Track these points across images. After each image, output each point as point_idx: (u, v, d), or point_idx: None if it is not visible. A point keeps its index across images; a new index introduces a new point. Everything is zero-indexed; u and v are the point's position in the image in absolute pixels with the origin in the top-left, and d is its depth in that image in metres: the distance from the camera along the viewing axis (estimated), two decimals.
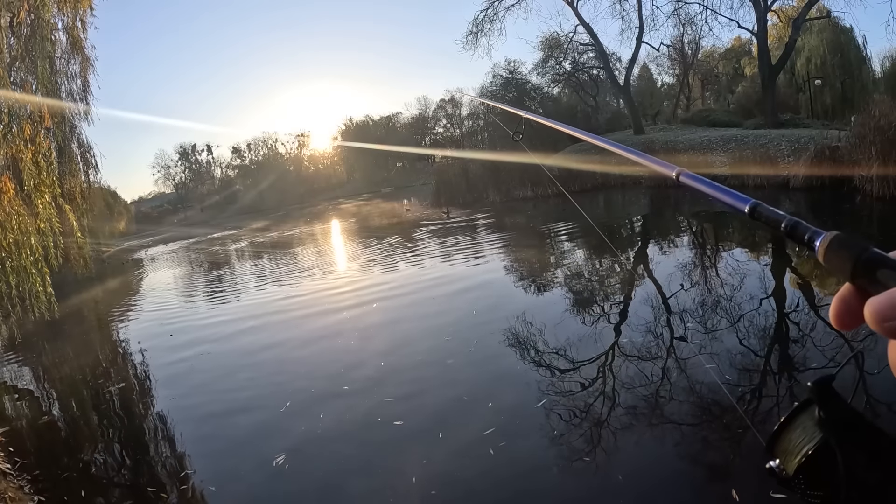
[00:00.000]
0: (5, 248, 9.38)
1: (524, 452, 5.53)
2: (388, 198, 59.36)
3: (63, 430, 8.81)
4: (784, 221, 0.66)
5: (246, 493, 5.66)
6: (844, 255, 0.55)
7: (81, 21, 12.16)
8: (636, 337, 8.11)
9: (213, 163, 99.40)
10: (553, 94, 60.01)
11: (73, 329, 15.85)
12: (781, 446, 0.65)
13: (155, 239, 54.79)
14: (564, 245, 17.51)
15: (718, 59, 55.28)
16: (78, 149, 14.06)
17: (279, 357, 10.03)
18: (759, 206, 0.72)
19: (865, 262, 0.53)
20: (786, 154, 22.80)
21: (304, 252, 28.11)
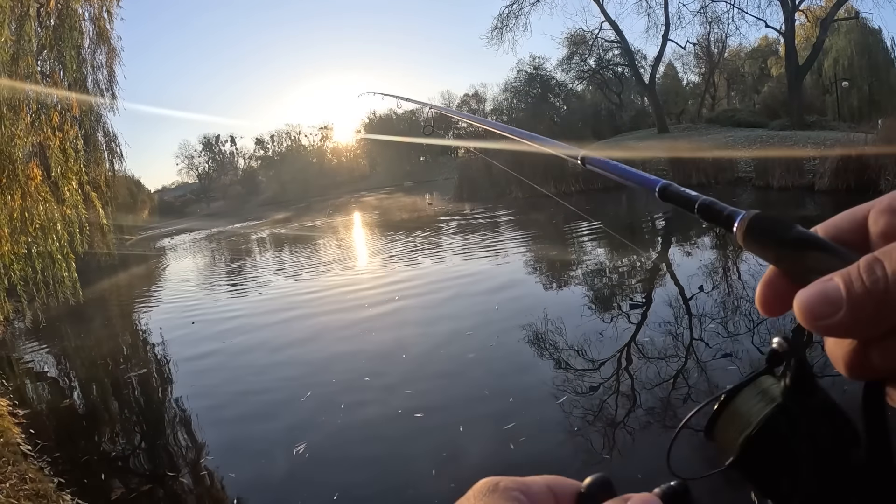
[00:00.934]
0: (32, 234, 9.50)
1: (544, 448, 5.53)
2: (411, 192, 59.42)
3: (83, 414, 8.92)
4: (697, 202, 0.60)
5: (266, 480, 5.72)
6: (766, 237, 0.50)
7: (108, 12, 12.28)
8: (656, 337, 8.07)
9: (236, 153, 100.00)
10: (577, 91, 59.86)
11: (96, 315, 16.01)
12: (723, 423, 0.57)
13: (177, 228, 55.15)
14: (585, 243, 17.45)
15: (745, 58, 54.75)
16: (103, 137, 14.21)
17: (300, 347, 10.07)
18: (670, 187, 0.66)
19: (790, 243, 0.49)
20: (811, 156, 22.58)
21: (325, 245, 28.17)
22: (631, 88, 54.54)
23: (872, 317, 0.41)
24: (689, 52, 50.93)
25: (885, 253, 0.41)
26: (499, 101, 78.61)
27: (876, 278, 0.40)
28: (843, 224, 0.51)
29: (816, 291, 0.43)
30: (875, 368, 0.43)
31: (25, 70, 9.13)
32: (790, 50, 34.24)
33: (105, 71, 12.84)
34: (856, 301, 0.40)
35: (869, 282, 0.40)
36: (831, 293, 0.42)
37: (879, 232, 0.48)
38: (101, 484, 6.05)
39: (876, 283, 0.40)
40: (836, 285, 0.42)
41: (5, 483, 5.52)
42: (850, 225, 0.50)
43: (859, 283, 0.41)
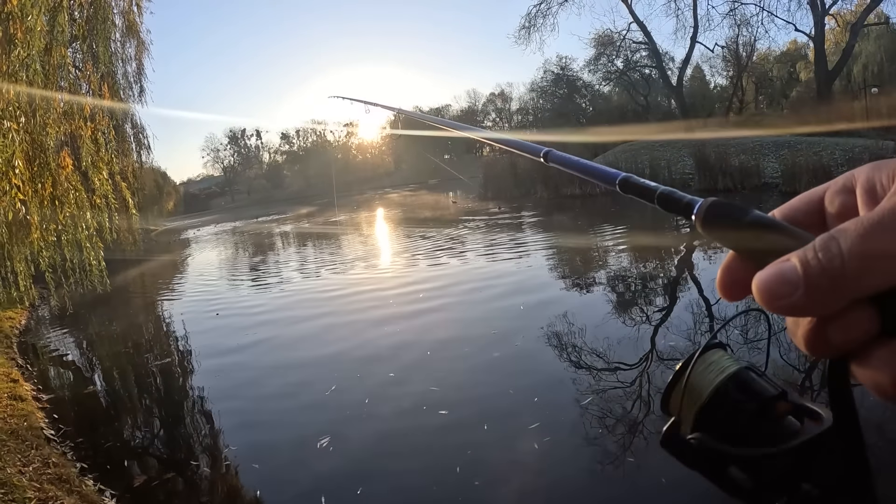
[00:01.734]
0: (62, 222, 9.61)
1: (568, 449, 5.51)
2: (435, 189, 59.44)
3: (106, 401, 9.03)
4: (657, 191, 0.60)
5: (289, 472, 5.74)
6: (723, 222, 0.51)
7: (137, 5, 12.42)
8: (680, 342, 8.02)
9: (261, 148, 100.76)
10: (604, 92, 59.65)
11: (120, 303, 16.20)
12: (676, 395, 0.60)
13: (202, 220, 55.67)
14: (609, 245, 17.37)
15: (773, 62, 54.23)
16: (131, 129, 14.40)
17: (324, 341, 10.11)
18: (630, 178, 0.67)
19: (747, 226, 0.49)
20: (839, 163, 22.34)
21: (350, 240, 28.27)
22: (658, 90, 54.24)
23: (829, 295, 0.41)
24: (717, 55, 50.55)
25: (840, 231, 0.42)
26: (525, 100, 78.62)
27: (831, 256, 0.41)
28: (800, 206, 0.52)
29: (774, 272, 0.43)
30: (834, 345, 0.43)
31: (59, 60, 9.23)
32: (819, 54, 33.91)
33: (134, 63, 13.02)
34: (812, 280, 0.41)
35: (825, 259, 0.41)
36: (788, 273, 0.42)
37: (835, 212, 0.49)
38: (123, 471, 6.11)
39: (831, 260, 0.41)
40: (793, 265, 0.42)
41: (28, 467, 5.60)
42: (806, 207, 0.51)
43: (815, 262, 0.41)
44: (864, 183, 0.48)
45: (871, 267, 0.40)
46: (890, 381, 0.41)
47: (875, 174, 0.47)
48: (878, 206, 0.43)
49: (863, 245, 0.40)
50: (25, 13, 8.05)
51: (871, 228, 0.41)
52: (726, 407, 0.56)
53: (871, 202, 0.46)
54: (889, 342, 0.42)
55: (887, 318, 0.41)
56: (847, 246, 0.41)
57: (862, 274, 0.40)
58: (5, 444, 6.08)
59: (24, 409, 7.41)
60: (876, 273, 0.40)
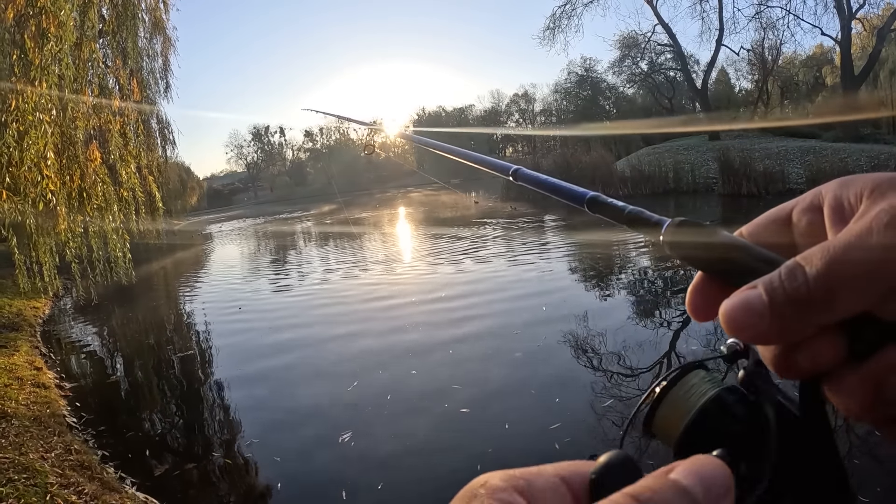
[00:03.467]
0: (89, 213, 9.75)
1: (587, 451, 5.49)
2: (457, 189, 59.41)
3: (128, 391, 9.12)
4: (626, 211, 0.61)
5: (310, 467, 5.80)
6: (691, 242, 0.51)
7: (164, 2, 12.57)
8: (698, 348, 8.01)
9: (285, 145, 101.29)
10: (628, 95, 59.39)
11: (144, 295, 16.35)
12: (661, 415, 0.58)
13: (225, 215, 56.02)
14: (630, 248, 17.32)
15: (799, 66, 53.67)
16: (157, 124, 14.57)
17: (346, 337, 10.13)
18: (598, 198, 0.68)
19: (714, 248, 0.49)
20: (864, 169, 22.10)
21: (371, 239, 28.30)
22: (682, 93, 53.98)
23: (796, 323, 0.41)
24: (742, 58, 50.19)
25: (806, 258, 0.41)
26: (548, 101, 78.47)
27: (797, 284, 0.40)
28: (767, 224, 0.52)
29: (739, 301, 0.42)
30: (803, 370, 0.43)
31: (88, 55, 9.37)
32: (846, 59, 33.52)
33: (160, 60, 13.20)
34: (778, 309, 0.40)
35: (790, 288, 0.40)
36: (754, 302, 0.41)
37: (802, 231, 0.49)
38: (144, 460, 6.18)
39: (797, 289, 0.40)
40: (759, 294, 0.41)
41: (51, 453, 5.70)
42: (774, 226, 0.51)
43: (781, 290, 0.40)
44: (832, 201, 0.46)
45: (836, 295, 0.40)
46: (858, 406, 0.42)
47: (842, 192, 0.46)
48: (844, 230, 0.42)
49: (828, 273, 0.39)
50: (58, 7, 8.19)
51: (836, 255, 0.40)
52: (707, 432, 0.54)
53: (838, 222, 0.45)
54: (857, 367, 0.41)
55: (855, 344, 0.41)
56: (813, 273, 0.40)
57: (828, 302, 0.40)
58: (28, 431, 6.20)
59: (47, 397, 7.54)
60: (842, 301, 0.40)
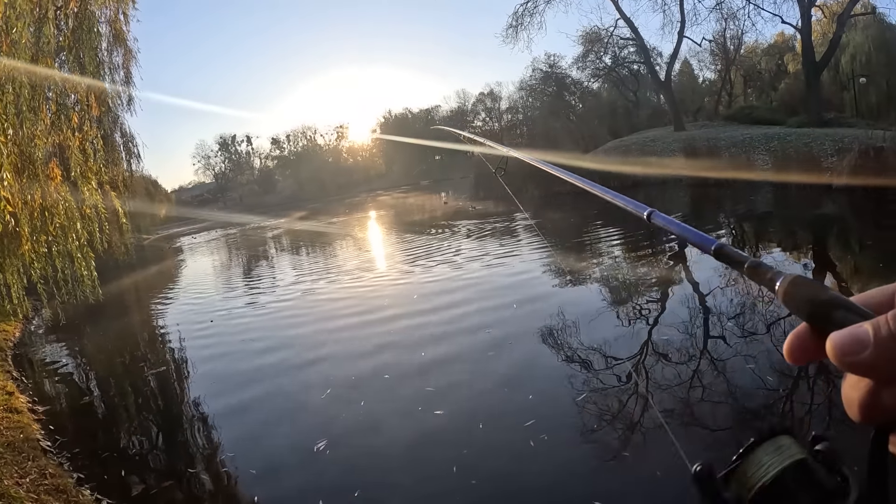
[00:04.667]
0: (52, 233, 9.59)
1: (563, 445, 5.56)
2: (427, 190, 59.53)
3: (102, 411, 9.02)
4: (746, 262, 0.68)
5: (286, 477, 5.76)
6: (802, 296, 0.56)
7: (124, 14, 12.36)
8: (672, 336, 8.07)
9: (252, 153, 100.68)
10: (593, 89, 59.70)
11: (114, 313, 16.15)
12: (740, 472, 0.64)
13: (194, 227, 55.56)
14: (602, 242, 17.43)
15: (761, 55, 54.27)
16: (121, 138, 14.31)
17: (319, 346, 10.13)
18: (724, 248, 0.74)
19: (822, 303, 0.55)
20: (829, 154, 22.44)
21: (341, 244, 28.30)
22: (647, 86, 54.30)
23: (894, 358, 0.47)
24: (704, 49, 50.58)
25: None
26: (514, 99, 78.70)
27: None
28: (875, 295, 0.57)
29: (848, 332, 0.49)
30: (886, 409, 0.48)
31: (45, 72, 9.22)
32: (807, 46, 33.97)
33: (122, 72, 12.94)
34: (881, 343, 0.47)
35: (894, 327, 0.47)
36: (860, 335, 0.48)
37: None
38: (121, 480, 6.11)
39: None
40: (866, 329, 0.48)
41: (26, 478, 5.61)
42: (881, 297, 0.56)
43: (886, 329, 0.47)
44: None
45: None
46: None
47: None
48: None
49: None
50: (10, 26, 8.05)
51: None
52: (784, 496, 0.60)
53: None
54: None
55: None
56: None
57: None
58: (2, 457, 6.09)
59: (20, 421, 7.42)
60: None
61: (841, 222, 15.85)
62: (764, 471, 0.61)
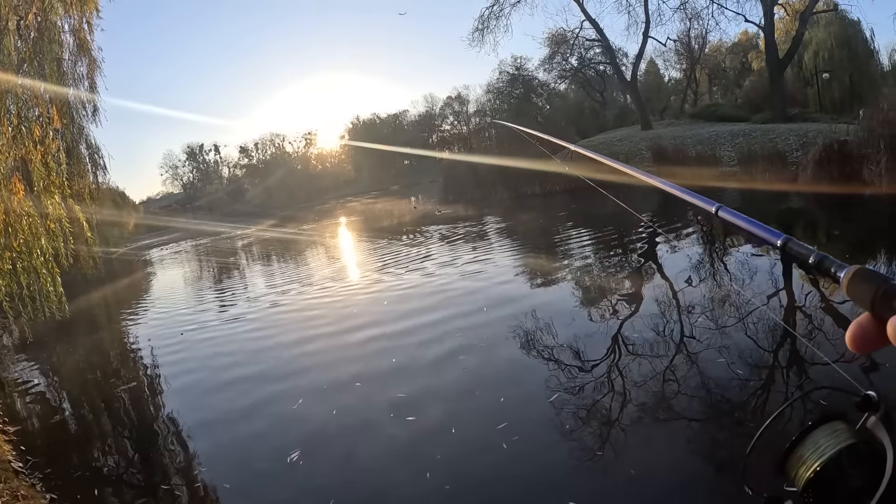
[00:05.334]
0: (16, 249, 9.43)
1: (537, 447, 5.55)
2: (397, 195, 59.46)
3: (74, 430, 8.85)
4: (812, 256, 0.70)
5: (261, 490, 5.69)
6: (866, 287, 0.58)
7: (88, 23, 12.20)
8: (645, 333, 8.11)
9: (220, 162, 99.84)
10: (560, 91, 59.98)
11: (84, 329, 15.90)
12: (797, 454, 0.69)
13: (163, 239, 55.04)
14: (572, 242, 17.49)
15: (725, 53, 55.03)
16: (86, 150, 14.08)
17: (290, 355, 10.04)
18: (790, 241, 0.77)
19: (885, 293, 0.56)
20: (794, 148, 22.76)
21: (311, 251, 28.22)
22: (613, 86, 54.76)
23: None
24: (670, 49, 51.16)
25: None
26: (482, 102, 78.80)
27: None
28: None
29: None
30: None
31: (6, 85, 9.07)
32: (770, 44, 34.47)
33: (86, 82, 12.75)
34: None
35: None
36: None
37: None
38: (95, 499, 6.00)
39: None
40: None
41: None
42: None
43: None
44: None
45: None
46: None
47: None
48: None
49: None
50: None
51: None
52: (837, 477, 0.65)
53: None
54: None
55: None
56: None
57: None
58: None
59: None
60: None
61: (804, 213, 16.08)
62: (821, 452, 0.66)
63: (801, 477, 0.66)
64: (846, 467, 0.63)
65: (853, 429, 0.66)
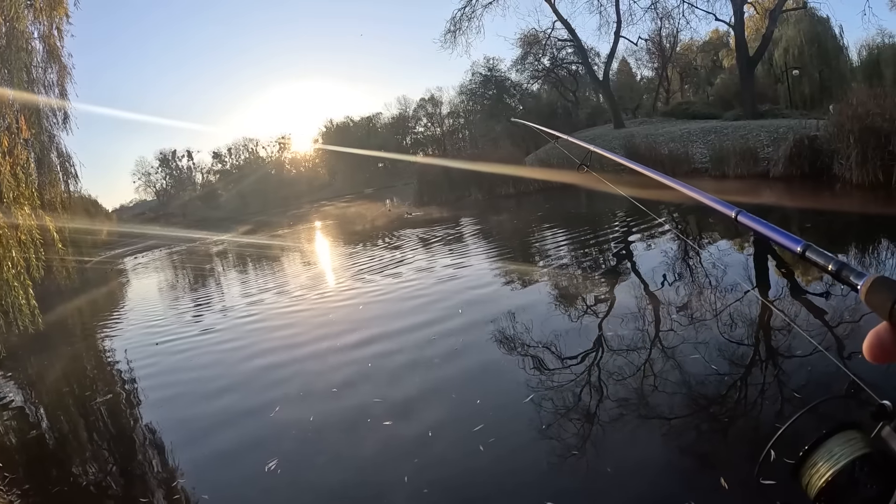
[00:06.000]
0: None
1: (514, 448, 5.56)
2: (371, 198, 59.36)
3: (52, 444, 8.73)
4: (831, 263, 0.71)
5: (240, 500, 5.66)
6: (885, 296, 0.57)
7: (58, 29, 12.06)
8: (622, 330, 8.16)
9: (193, 168, 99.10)
10: (533, 91, 60.25)
11: (59, 341, 15.68)
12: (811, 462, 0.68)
13: (137, 247, 54.44)
14: (547, 241, 17.56)
15: (696, 51, 55.66)
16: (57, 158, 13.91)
17: (265, 363, 9.96)
18: (809, 248, 0.77)
19: None
20: (765, 144, 23.02)
21: (285, 257, 28.08)
22: (586, 86, 55.06)
23: None
24: (641, 48, 51.70)
25: None
26: (455, 103, 79.05)
27: None
28: None
29: None
30: None
31: None
32: (740, 42, 34.89)
33: (57, 90, 12.60)
34: None
35: None
36: None
37: None
38: None
39: None
40: None
41: None
42: None
43: None
44: None
45: None
46: None
47: None
48: None
49: None
50: None
51: None
52: (850, 486, 0.64)
53: None
54: None
55: None
56: None
57: None
58: None
59: None
60: None
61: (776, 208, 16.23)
62: (835, 460, 0.65)
63: (814, 485, 0.66)
64: (859, 477, 0.62)
65: (868, 438, 0.65)
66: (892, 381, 4.58)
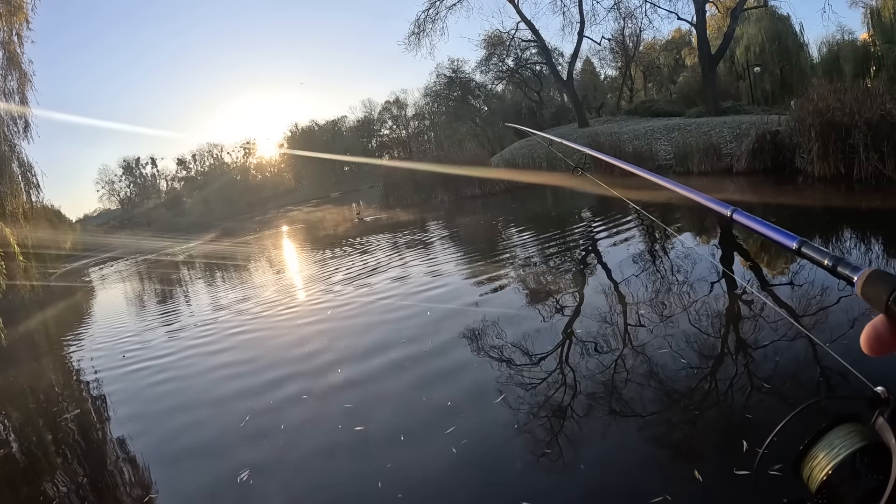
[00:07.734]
0: None
1: (487, 449, 5.57)
2: (337, 202, 59.22)
3: (21, 462, 8.56)
4: (827, 258, 0.71)
5: None
6: (880, 288, 0.58)
7: (18, 35, 11.87)
8: (591, 326, 8.24)
9: (158, 176, 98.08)
10: (497, 92, 60.50)
11: (23, 356, 15.40)
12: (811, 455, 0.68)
13: (103, 257, 53.67)
14: (514, 239, 17.63)
15: (659, 50, 56.35)
16: (18, 168, 13.67)
17: (234, 371, 9.86)
18: (805, 244, 0.77)
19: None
20: (728, 140, 23.35)
21: (252, 264, 27.86)
22: (550, 86, 55.44)
23: None
24: (605, 48, 52.21)
25: None
26: (420, 106, 79.07)
27: None
28: None
29: None
30: None
31: None
32: (702, 40, 35.41)
33: (17, 97, 12.39)
34: None
35: None
36: None
37: None
38: None
39: None
40: None
41: None
42: None
43: None
44: None
45: None
46: None
47: None
48: None
49: None
50: None
51: None
52: (851, 478, 0.64)
53: None
54: None
55: None
56: None
57: None
58: None
59: None
60: None
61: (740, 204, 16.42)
62: (835, 453, 0.65)
63: (814, 478, 0.67)
64: (860, 469, 0.63)
65: (867, 429, 0.66)
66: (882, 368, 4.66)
